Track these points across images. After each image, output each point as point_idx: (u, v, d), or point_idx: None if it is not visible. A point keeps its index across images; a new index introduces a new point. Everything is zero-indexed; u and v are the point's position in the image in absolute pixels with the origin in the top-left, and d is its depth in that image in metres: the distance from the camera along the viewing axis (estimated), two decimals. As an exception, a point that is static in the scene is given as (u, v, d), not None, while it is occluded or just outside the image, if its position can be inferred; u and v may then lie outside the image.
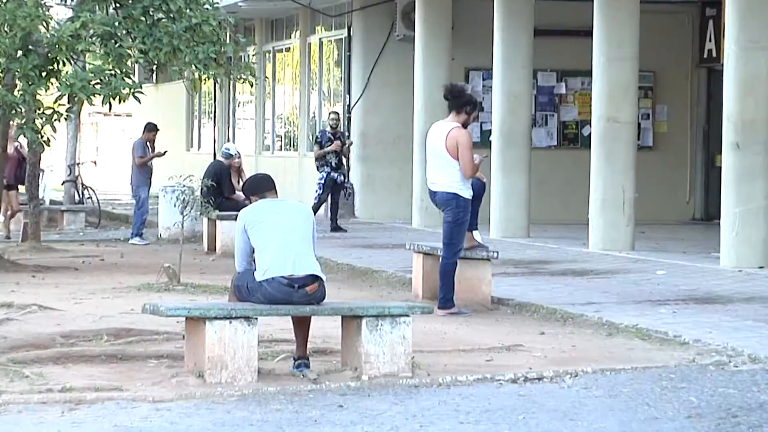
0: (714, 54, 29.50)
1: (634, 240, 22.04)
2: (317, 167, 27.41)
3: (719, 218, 20.09)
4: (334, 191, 27.21)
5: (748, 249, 19.12)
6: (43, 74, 19.65)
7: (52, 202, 31.71)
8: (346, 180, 27.39)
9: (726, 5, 19.66)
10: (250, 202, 11.68)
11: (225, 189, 23.78)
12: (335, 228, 26.64)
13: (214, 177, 23.52)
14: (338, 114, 27.76)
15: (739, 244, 19.18)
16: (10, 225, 24.64)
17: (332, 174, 27.01)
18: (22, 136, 21.09)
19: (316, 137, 27.76)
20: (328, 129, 27.40)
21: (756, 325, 13.75)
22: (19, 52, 19.31)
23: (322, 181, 27.10)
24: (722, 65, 20.24)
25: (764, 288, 16.87)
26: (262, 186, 11.64)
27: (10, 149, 24.38)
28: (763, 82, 19.28)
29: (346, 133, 27.74)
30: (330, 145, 26.99)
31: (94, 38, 19.79)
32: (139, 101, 20.79)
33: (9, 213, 25.01)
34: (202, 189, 23.10)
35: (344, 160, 27.38)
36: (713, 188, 27.52)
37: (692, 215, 30.89)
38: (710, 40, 30.21)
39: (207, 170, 24.51)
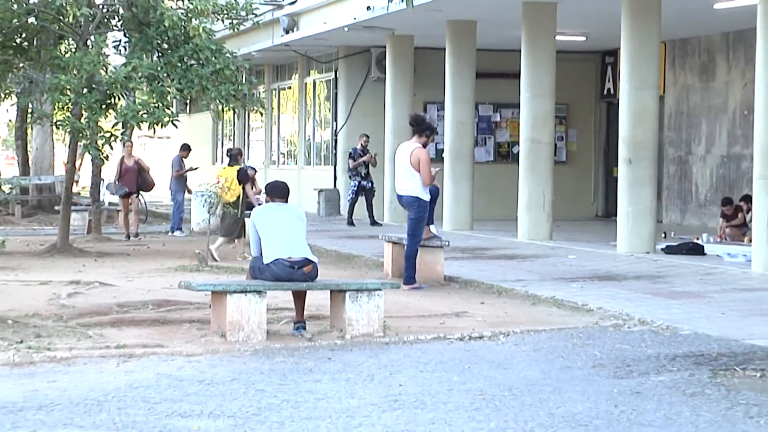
0: (612, 91, 29.58)
1: (552, 232, 22.04)
2: (350, 176, 27.23)
3: (616, 216, 20.14)
4: (366, 195, 27.02)
5: (638, 239, 19.19)
6: (103, 106, 19.65)
7: (109, 203, 31.48)
8: (372, 186, 27.10)
9: (621, 55, 19.70)
10: (266, 201, 11.92)
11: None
12: (374, 223, 26.47)
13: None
14: (367, 135, 27.45)
15: (631, 236, 19.25)
16: (129, 227, 24.17)
17: (362, 182, 26.90)
18: (87, 153, 21.01)
19: (350, 153, 27.27)
20: (359, 146, 27.15)
21: (644, 297, 13.80)
22: (85, 90, 19.28)
23: (355, 188, 26.89)
24: (618, 100, 20.26)
25: (650, 268, 16.93)
26: (275, 192, 11.84)
27: (131, 162, 24.31)
28: (649, 113, 19.35)
29: (369, 149, 27.29)
30: (362, 158, 26.85)
31: (142, 79, 19.76)
32: (176, 127, 20.82)
33: (124, 215, 24.61)
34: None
35: (371, 170, 26.96)
36: (611, 193, 27.54)
37: (595, 213, 30.96)
38: (609, 81, 30.29)
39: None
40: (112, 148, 20.52)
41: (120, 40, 21.46)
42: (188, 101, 31.76)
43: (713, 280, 15.43)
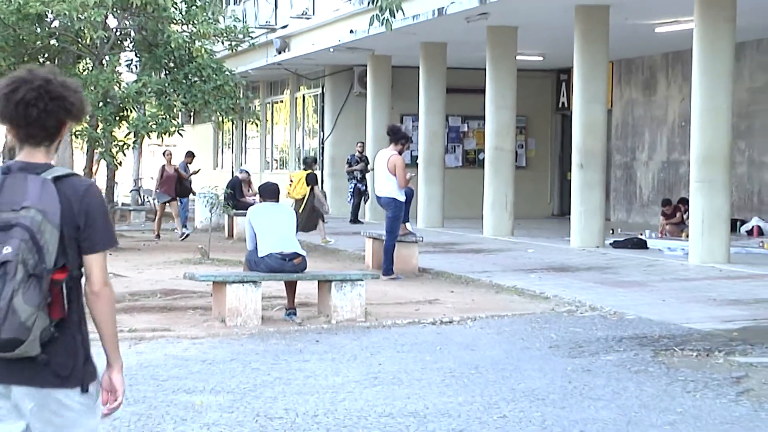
0: (566, 105, 29.61)
1: (513, 229, 22.07)
2: (348, 179, 27.12)
3: (569, 214, 20.17)
4: (357, 196, 26.94)
5: (589, 235, 19.21)
6: (117, 118, 19.60)
7: (122, 204, 31.38)
8: (366, 189, 27.00)
9: (574, 73, 19.74)
10: (260, 201, 11.93)
11: (238, 195, 23.69)
12: (354, 221, 26.30)
13: (231, 187, 23.45)
14: (363, 143, 27.37)
15: (583, 232, 19.27)
16: (160, 228, 23.84)
17: (358, 185, 26.84)
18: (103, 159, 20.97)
19: (348, 159, 27.18)
20: (356, 153, 27.05)
21: (595, 286, 13.83)
22: (101, 103, 19.22)
23: (351, 190, 26.83)
24: (571, 113, 20.30)
25: (600, 261, 16.96)
26: (268, 193, 11.85)
27: (171, 170, 24.16)
28: (599, 124, 19.38)
29: (359, 158, 27.17)
30: (358, 165, 26.76)
31: (151, 94, 19.72)
32: (182, 136, 20.80)
33: (158, 218, 24.22)
34: (224, 195, 23.00)
35: (366, 176, 26.83)
36: (565, 194, 27.61)
37: (551, 212, 30.99)
38: (563, 96, 30.33)
39: (228, 183, 24.42)
40: (125, 155, 20.56)
41: (132, 60, 21.44)
42: (192, 113, 31.67)
43: (655, 271, 15.47)
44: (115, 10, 19.46)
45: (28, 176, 3.65)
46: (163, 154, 24.22)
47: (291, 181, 20.98)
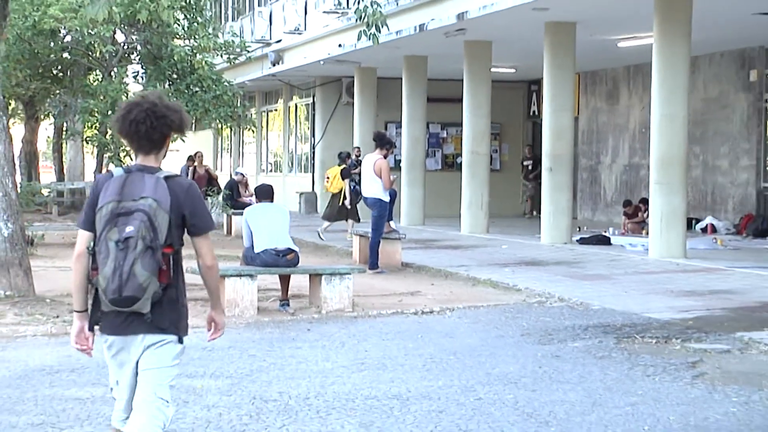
0: (536, 113, 29.61)
1: (489, 226, 22.08)
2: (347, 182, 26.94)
3: (540, 214, 20.17)
4: (355, 197, 26.69)
5: (557, 232, 19.23)
6: (125, 125, 19.54)
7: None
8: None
9: (544, 84, 19.75)
10: (256, 202, 11.88)
11: (236, 195, 23.64)
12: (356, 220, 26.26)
13: (230, 188, 23.40)
14: (359, 148, 27.18)
15: (552, 229, 19.28)
16: None
17: (356, 187, 26.58)
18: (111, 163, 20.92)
19: (347, 164, 27.13)
20: (353, 157, 26.87)
21: (563, 279, 13.83)
22: (109, 112, 19.17)
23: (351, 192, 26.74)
24: (542, 120, 20.31)
25: (567, 256, 16.98)
26: (263, 194, 11.81)
27: (202, 171, 24.02)
28: (566, 131, 19.40)
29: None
30: (356, 169, 26.54)
31: (155, 103, 19.67)
32: (184, 141, 20.58)
33: None
34: (222, 195, 22.95)
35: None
36: (536, 195, 27.62)
37: (523, 212, 30.98)
38: (534, 105, 30.33)
39: (226, 184, 24.36)
40: (131, 159, 20.46)
41: (138, 71, 21.38)
42: (194, 121, 31.62)
43: (618, 265, 15.49)
44: (122, 26, 19.45)
45: (144, 175, 4.45)
46: (194, 156, 24.08)
47: (327, 177, 20.99)
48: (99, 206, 4.43)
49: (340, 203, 20.27)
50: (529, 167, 28.76)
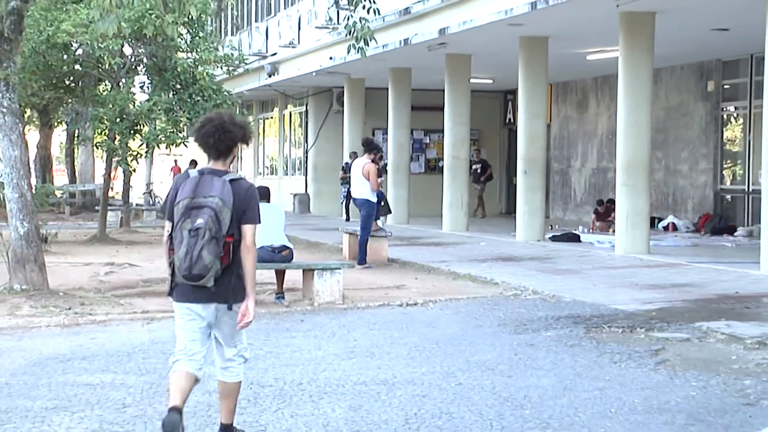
0: (512, 120, 29.70)
1: (468, 225, 22.10)
2: (341, 184, 26.49)
3: (515, 213, 20.20)
4: (349, 198, 26.55)
5: (531, 230, 19.26)
6: (131, 132, 19.49)
7: (136, 204, 31.24)
8: None
9: (519, 93, 19.77)
10: None
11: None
12: (348, 219, 25.88)
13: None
14: (355, 152, 27.07)
15: (526, 228, 19.31)
16: None
17: (350, 189, 26.23)
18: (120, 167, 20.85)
19: (342, 167, 26.75)
20: (349, 161, 26.64)
21: (537, 273, 13.84)
22: (117, 119, 19.11)
23: (345, 193, 26.31)
24: (517, 127, 20.33)
25: (540, 252, 17.00)
26: (260, 195, 11.68)
27: None
28: (539, 137, 19.43)
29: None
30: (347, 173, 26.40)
31: (161, 111, 19.64)
32: (186, 146, 20.69)
33: None
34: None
35: None
36: (512, 196, 27.64)
37: (500, 211, 31.03)
38: (510, 113, 30.40)
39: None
40: (138, 163, 20.45)
41: (144, 82, 21.32)
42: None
43: (587, 261, 15.51)
44: (130, 40, 19.39)
45: (213, 177, 5.24)
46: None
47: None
48: (177, 201, 5.20)
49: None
50: (478, 170, 28.34)
